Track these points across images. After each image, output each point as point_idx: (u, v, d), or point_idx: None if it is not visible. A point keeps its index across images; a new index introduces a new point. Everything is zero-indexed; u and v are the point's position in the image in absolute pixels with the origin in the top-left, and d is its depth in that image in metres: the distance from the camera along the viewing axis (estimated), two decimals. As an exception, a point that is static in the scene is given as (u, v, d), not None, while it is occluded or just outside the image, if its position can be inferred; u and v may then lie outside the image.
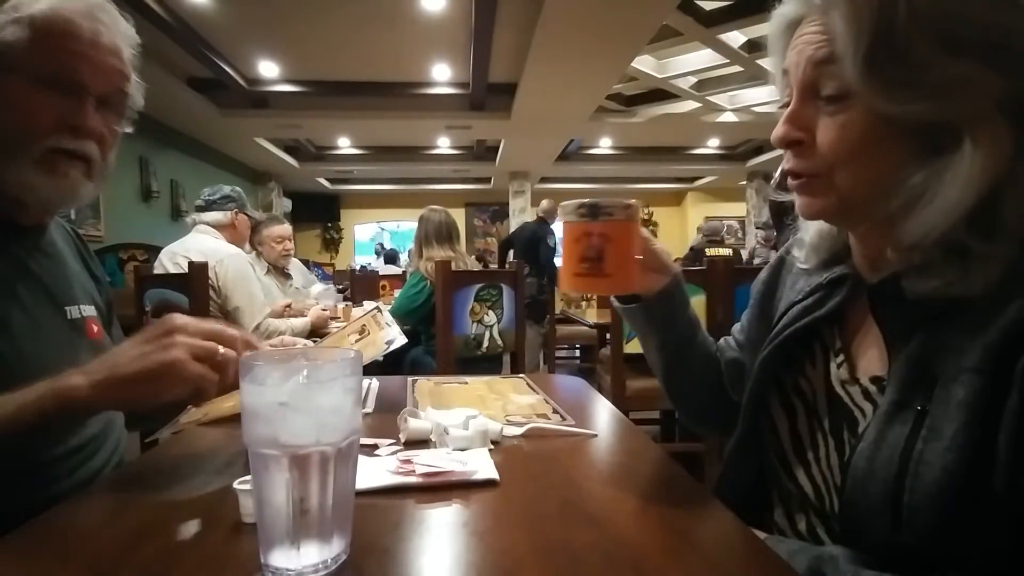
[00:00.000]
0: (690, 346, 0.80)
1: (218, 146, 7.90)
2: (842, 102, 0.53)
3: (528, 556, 0.47)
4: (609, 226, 0.63)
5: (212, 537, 0.50)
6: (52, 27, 0.71)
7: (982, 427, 0.46)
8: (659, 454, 0.73)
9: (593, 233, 0.63)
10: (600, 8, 3.96)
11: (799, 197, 0.60)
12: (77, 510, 0.57)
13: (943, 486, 0.47)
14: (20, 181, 0.72)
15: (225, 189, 2.53)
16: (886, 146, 0.52)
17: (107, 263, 5.09)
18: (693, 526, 0.54)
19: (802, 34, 0.56)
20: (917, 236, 0.51)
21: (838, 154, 0.54)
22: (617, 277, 0.65)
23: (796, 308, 0.66)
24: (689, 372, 0.82)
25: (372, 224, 12.20)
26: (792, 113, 0.57)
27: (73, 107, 0.73)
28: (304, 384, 0.43)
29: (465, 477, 0.61)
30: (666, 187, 11.79)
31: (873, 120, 0.51)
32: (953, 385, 0.49)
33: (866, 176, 0.54)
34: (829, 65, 0.52)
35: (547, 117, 6.59)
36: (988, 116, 0.48)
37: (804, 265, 0.70)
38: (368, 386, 1.09)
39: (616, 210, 0.63)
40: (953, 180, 0.48)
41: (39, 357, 0.74)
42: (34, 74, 0.70)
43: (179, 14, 4.43)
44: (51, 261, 0.84)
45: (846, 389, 0.60)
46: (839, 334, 0.64)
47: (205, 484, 0.64)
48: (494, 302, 2.35)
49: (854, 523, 0.55)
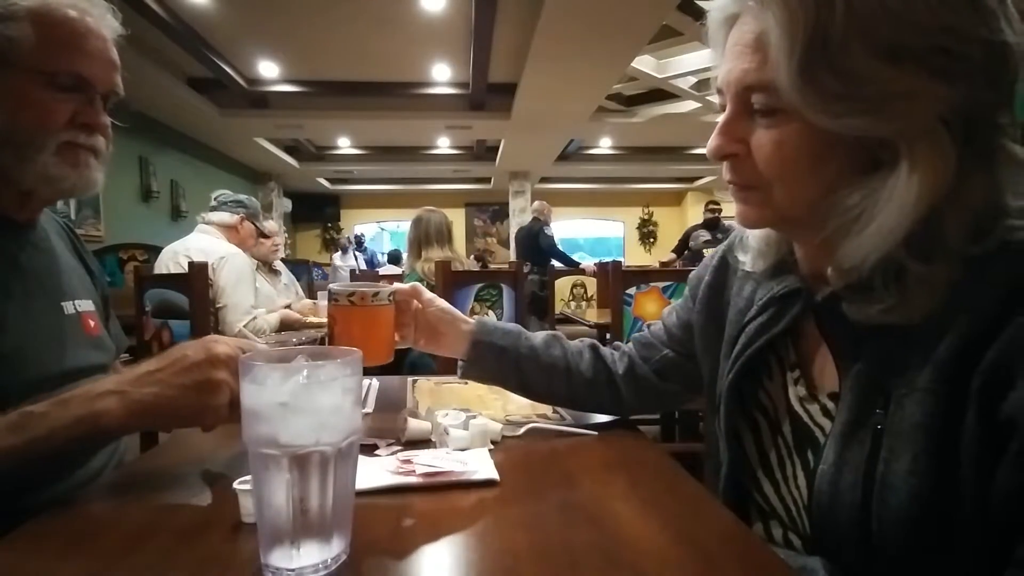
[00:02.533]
0: (538, 374, 0.82)
1: (218, 146, 7.89)
2: (776, 115, 0.49)
3: (528, 556, 0.47)
4: (336, 310, 0.72)
5: (212, 537, 0.50)
6: (54, 24, 0.72)
7: (941, 449, 0.45)
8: (659, 454, 0.73)
9: (330, 315, 0.73)
10: (600, 8, 3.96)
11: (737, 204, 0.57)
12: (77, 510, 0.56)
13: (909, 512, 0.46)
14: (44, 175, 0.74)
15: (240, 196, 2.59)
16: (823, 162, 0.49)
17: (107, 263, 5.09)
18: (693, 526, 0.54)
19: (736, 38, 0.52)
20: (854, 260, 0.48)
21: (774, 169, 0.51)
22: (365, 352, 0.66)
23: (752, 325, 0.64)
24: (558, 390, 0.83)
25: (372, 224, 12.21)
26: (725, 124, 0.53)
27: (84, 105, 0.75)
28: (304, 384, 0.43)
29: (465, 477, 0.61)
30: (666, 187, 11.79)
31: (808, 135, 0.48)
32: (906, 402, 0.48)
33: (802, 194, 0.51)
34: (761, 75, 0.49)
35: (547, 117, 6.59)
36: (930, 132, 0.45)
37: (748, 269, 0.67)
38: (368, 386, 1.09)
39: (340, 296, 0.71)
40: (888, 201, 0.46)
41: (37, 353, 0.74)
42: (44, 72, 0.72)
43: (179, 14, 4.43)
44: (44, 256, 0.83)
45: (805, 407, 0.59)
46: (793, 347, 0.62)
47: (205, 484, 0.63)
48: (494, 302, 2.35)
49: (826, 542, 0.54)
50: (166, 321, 1.99)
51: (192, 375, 0.60)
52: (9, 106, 0.71)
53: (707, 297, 0.74)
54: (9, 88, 0.71)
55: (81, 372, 0.79)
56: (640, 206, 12.55)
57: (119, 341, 0.98)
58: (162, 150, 6.65)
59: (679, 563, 0.46)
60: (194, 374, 0.60)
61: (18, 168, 0.73)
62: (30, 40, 0.70)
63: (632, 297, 2.22)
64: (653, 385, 0.82)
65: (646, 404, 0.84)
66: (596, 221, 12.65)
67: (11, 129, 0.71)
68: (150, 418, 0.61)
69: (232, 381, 0.61)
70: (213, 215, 2.49)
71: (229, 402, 0.61)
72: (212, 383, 0.60)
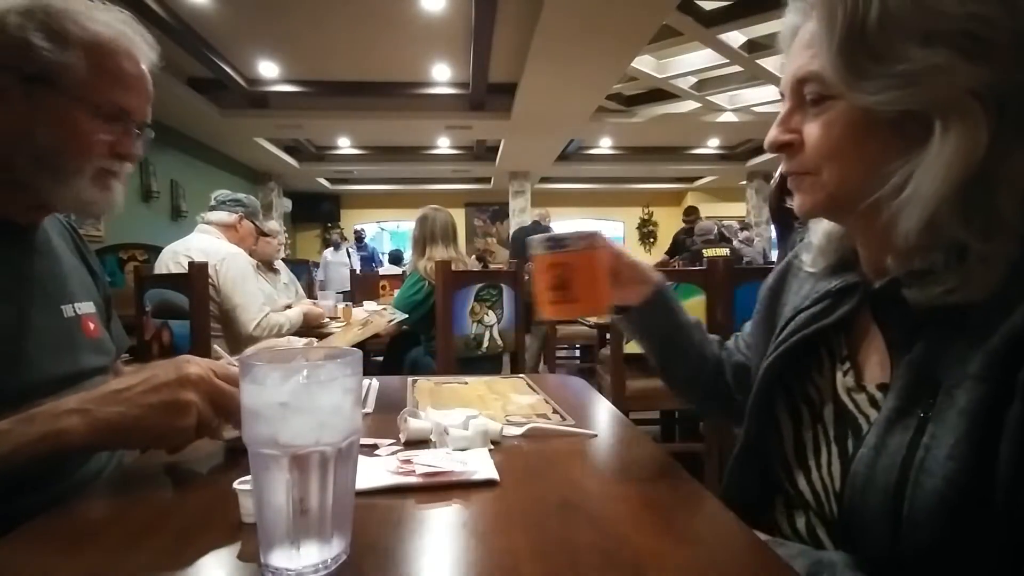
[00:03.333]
0: (682, 347, 0.83)
1: (218, 146, 7.90)
2: (824, 103, 0.54)
3: (528, 556, 0.47)
4: (570, 256, 0.69)
5: (212, 537, 0.50)
6: (105, 56, 0.75)
7: (984, 436, 0.46)
8: (659, 454, 0.73)
9: (558, 264, 0.69)
10: (600, 8, 3.96)
11: (796, 196, 0.61)
12: (77, 510, 0.57)
13: (943, 496, 0.47)
14: (78, 198, 0.77)
15: (239, 196, 2.58)
16: (867, 140, 0.53)
17: (107, 263, 5.08)
18: (693, 526, 0.54)
19: (796, 42, 0.58)
20: (904, 231, 0.51)
21: (823, 151, 0.55)
22: (586, 300, 0.70)
23: (803, 315, 0.66)
24: (680, 371, 0.85)
25: (372, 224, 12.21)
26: (782, 118, 0.59)
27: (121, 136, 0.78)
28: (304, 384, 0.43)
29: (465, 477, 0.61)
30: (666, 187, 11.80)
31: (852, 116, 0.53)
32: (956, 392, 0.48)
33: (851, 170, 0.55)
34: (811, 67, 0.54)
35: (547, 117, 6.60)
36: (961, 104, 0.48)
37: (811, 269, 0.70)
38: (368, 386, 1.09)
39: (571, 241, 0.68)
40: (927, 169, 0.49)
41: (35, 357, 0.74)
42: (92, 104, 0.74)
43: (179, 14, 4.44)
44: (46, 259, 0.84)
45: (852, 397, 0.60)
46: (845, 342, 0.64)
47: (205, 484, 0.64)
48: (494, 302, 2.35)
49: (853, 530, 0.54)
50: (166, 321, 1.99)
51: (160, 395, 0.60)
52: (55, 130, 0.73)
53: (767, 298, 0.77)
54: (58, 113, 0.73)
55: (81, 375, 0.79)
56: (640, 206, 12.56)
57: (120, 341, 0.98)
58: (162, 150, 6.65)
59: (679, 563, 0.46)
60: (162, 394, 0.60)
61: (54, 190, 0.75)
62: (82, 70, 0.73)
63: (632, 297, 2.22)
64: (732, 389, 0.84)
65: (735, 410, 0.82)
66: (596, 221, 12.65)
67: (54, 153, 0.73)
68: (114, 437, 0.60)
69: (201, 403, 0.61)
70: (212, 214, 2.48)
71: (198, 424, 0.61)
72: (180, 404, 0.60)
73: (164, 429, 0.60)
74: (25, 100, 0.71)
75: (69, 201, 0.77)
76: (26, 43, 0.70)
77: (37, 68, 0.71)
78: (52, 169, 0.74)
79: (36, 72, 0.71)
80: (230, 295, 2.20)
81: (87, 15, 0.74)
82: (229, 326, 2.22)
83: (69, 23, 0.72)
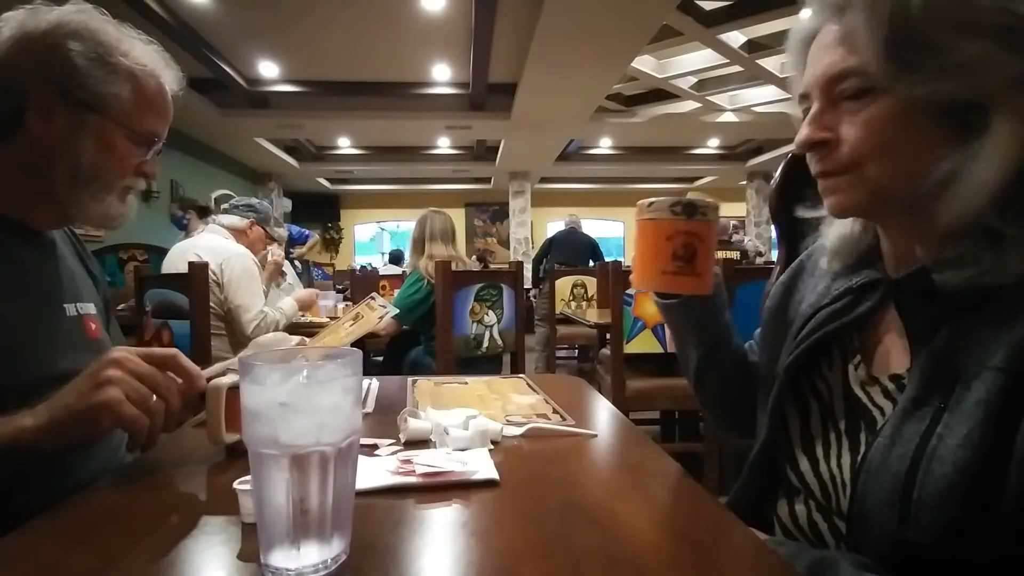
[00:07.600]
0: (723, 348, 0.81)
1: (218, 146, 7.89)
2: (864, 97, 0.53)
3: (528, 556, 0.47)
4: (702, 226, 0.64)
5: (212, 537, 0.50)
6: (146, 88, 0.82)
7: (999, 426, 0.46)
8: (659, 454, 0.73)
9: (688, 232, 0.63)
10: (600, 8, 3.96)
11: (829, 197, 0.59)
12: (77, 510, 0.56)
13: (953, 483, 0.47)
14: (106, 213, 0.82)
15: (253, 201, 2.60)
16: (914, 133, 0.52)
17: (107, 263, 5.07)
18: (693, 526, 0.54)
19: (817, 46, 0.57)
20: (950, 219, 0.50)
21: (866, 148, 0.54)
22: (705, 277, 0.66)
23: (824, 312, 0.66)
24: (719, 373, 0.82)
25: (372, 224, 12.21)
26: (814, 116, 0.57)
27: (145, 156, 0.85)
28: (304, 384, 0.43)
29: (465, 477, 0.61)
30: (666, 187, 11.78)
31: (898, 108, 0.52)
32: (974, 382, 0.48)
33: (897, 165, 0.54)
34: (847, 63, 0.54)
35: (547, 117, 6.59)
36: (1008, 94, 0.49)
37: (825, 269, 0.70)
38: (368, 386, 1.09)
39: (709, 210, 0.64)
40: (987, 157, 0.49)
41: (36, 354, 0.75)
42: (131, 129, 0.81)
43: (179, 14, 4.43)
44: (51, 259, 0.85)
45: (865, 390, 0.60)
46: (858, 337, 0.64)
47: (205, 484, 0.64)
48: (494, 302, 2.35)
49: (861, 519, 0.54)
50: (166, 321, 1.99)
51: (87, 380, 0.63)
52: (98, 151, 0.79)
53: (778, 294, 0.77)
54: (101, 135, 0.78)
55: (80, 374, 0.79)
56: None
57: (117, 344, 0.99)
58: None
59: (679, 563, 0.46)
60: (88, 379, 0.63)
61: (87, 205, 0.80)
62: (127, 99, 0.79)
63: (632, 297, 2.22)
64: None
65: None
66: (596, 221, 12.64)
67: (94, 171, 0.79)
68: (56, 433, 0.62)
69: (127, 379, 0.63)
70: (224, 218, 2.49)
71: (132, 402, 0.62)
72: (98, 380, 0.62)
73: (94, 410, 0.61)
74: (69, 120, 0.76)
75: (96, 216, 0.82)
76: (74, 67, 0.75)
77: (88, 95, 0.76)
78: (92, 187, 0.80)
79: (87, 99, 0.76)
80: (233, 294, 2.21)
81: (131, 47, 0.80)
82: (231, 325, 2.23)
83: (119, 55, 0.78)
